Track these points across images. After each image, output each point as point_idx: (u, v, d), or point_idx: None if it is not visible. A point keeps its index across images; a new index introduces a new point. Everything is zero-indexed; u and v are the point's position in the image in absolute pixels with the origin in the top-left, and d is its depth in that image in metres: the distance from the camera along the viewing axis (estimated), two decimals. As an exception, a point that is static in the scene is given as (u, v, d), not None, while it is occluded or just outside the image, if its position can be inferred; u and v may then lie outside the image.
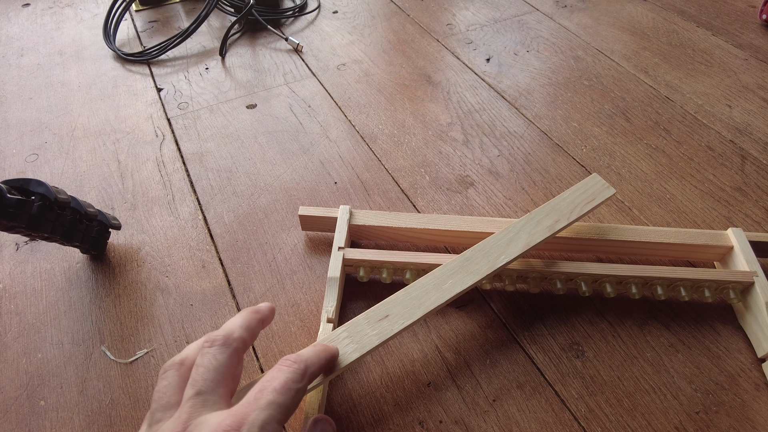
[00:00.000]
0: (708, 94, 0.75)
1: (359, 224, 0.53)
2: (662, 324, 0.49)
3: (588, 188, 0.49)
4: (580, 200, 0.48)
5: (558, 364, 0.47)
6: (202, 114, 0.73)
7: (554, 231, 0.46)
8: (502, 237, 0.45)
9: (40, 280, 0.54)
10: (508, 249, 0.45)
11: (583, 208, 0.48)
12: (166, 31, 0.90)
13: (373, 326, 0.39)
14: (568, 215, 0.47)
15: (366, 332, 0.38)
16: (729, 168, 0.64)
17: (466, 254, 0.44)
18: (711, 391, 0.45)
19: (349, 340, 0.38)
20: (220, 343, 0.33)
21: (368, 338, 0.38)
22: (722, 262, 0.53)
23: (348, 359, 0.37)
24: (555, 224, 0.46)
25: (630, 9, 0.93)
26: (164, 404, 0.30)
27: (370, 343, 0.38)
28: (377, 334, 0.38)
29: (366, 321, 0.40)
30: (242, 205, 0.60)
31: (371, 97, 0.75)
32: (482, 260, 0.44)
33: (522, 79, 0.78)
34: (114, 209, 0.60)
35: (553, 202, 0.48)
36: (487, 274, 0.43)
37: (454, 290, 0.42)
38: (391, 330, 0.39)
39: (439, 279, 0.42)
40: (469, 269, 0.43)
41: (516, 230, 0.46)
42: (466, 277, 0.43)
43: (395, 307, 0.40)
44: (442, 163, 0.65)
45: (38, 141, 0.70)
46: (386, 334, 0.39)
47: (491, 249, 0.45)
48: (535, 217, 0.47)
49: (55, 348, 0.49)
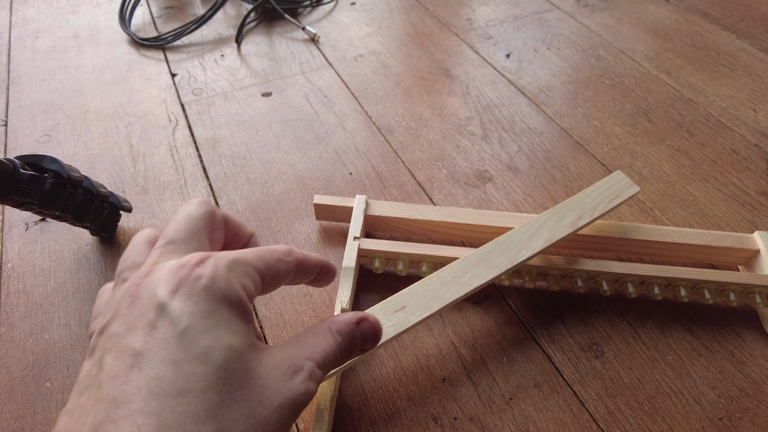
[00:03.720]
0: (732, 97, 0.73)
1: (375, 215, 0.52)
2: (684, 327, 0.48)
3: (612, 185, 0.48)
4: (603, 197, 0.47)
5: (577, 364, 0.45)
6: (217, 100, 0.72)
7: (577, 227, 0.45)
8: (524, 231, 0.44)
9: (48, 260, 0.53)
10: (530, 244, 0.43)
11: (606, 205, 0.46)
12: (182, 17, 0.89)
13: (389, 317, 0.38)
14: (591, 212, 0.46)
15: (382, 323, 0.37)
16: (754, 172, 0.63)
17: (486, 248, 0.43)
18: (735, 398, 0.43)
19: None
20: (198, 201, 0.29)
21: (384, 329, 0.36)
22: (747, 266, 0.52)
23: None
24: (578, 220, 0.45)
25: (653, 10, 0.92)
26: (130, 264, 0.27)
27: (385, 335, 0.37)
28: (393, 326, 0.38)
29: (382, 311, 0.39)
30: (255, 192, 0.59)
31: (388, 88, 0.74)
32: (502, 254, 0.43)
33: (542, 76, 0.77)
34: (125, 192, 0.59)
35: (575, 198, 0.47)
36: (508, 269, 0.42)
37: (472, 284, 0.41)
38: (407, 322, 0.38)
39: (458, 272, 0.41)
40: (489, 263, 0.42)
41: (538, 225, 0.45)
42: (485, 270, 0.41)
43: (412, 298, 0.39)
44: (459, 157, 0.64)
45: (51, 122, 0.69)
46: (402, 326, 0.38)
47: (512, 243, 0.43)
48: (557, 212, 0.46)
49: (62, 329, 0.48)
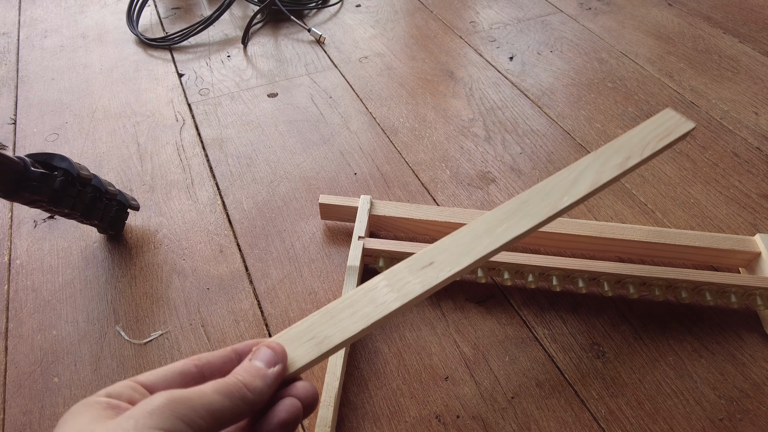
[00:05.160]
0: (734, 100, 0.74)
1: (379, 215, 0.52)
2: (685, 328, 0.48)
3: (661, 123, 0.42)
4: (653, 136, 0.41)
5: (578, 363, 0.46)
6: (223, 101, 0.73)
7: (625, 169, 0.39)
8: (565, 176, 0.39)
9: (57, 257, 0.54)
10: (572, 189, 0.38)
11: (657, 143, 0.41)
12: (189, 18, 0.90)
13: (415, 274, 0.34)
14: (641, 152, 0.40)
15: (408, 280, 0.33)
16: (755, 175, 0.63)
17: (523, 196, 0.38)
18: (735, 399, 0.44)
19: (389, 288, 0.33)
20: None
21: (410, 286, 0.33)
22: (748, 268, 0.52)
23: (388, 309, 0.32)
24: (626, 161, 0.39)
25: (655, 13, 0.92)
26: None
27: (412, 292, 0.33)
28: (420, 282, 0.33)
29: (408, 269, 0.34)
30: (261, 192, 0.60)
31: (393, 90, 0.75)
32: (542, 202, 0.37)
33: (545, 79, 0.77)
34: (132, 191, 0.60)
35: (621, 139, 0.41)
36: (548, 217, 0.37)
37: (509, 235, 0.35)
38: (436, 278, 0.33)
39: (492, 223, 0.36)
40: (527, 212, 0.37)
41: (580, 169, 0.39)
42: (523, 220, 0.36)
43: (441, 253, 0.35)
44: (463, 158, 0.64)
45: (59, 121, 0.69)
46: (431, 282, 0.33)
47: (552, 189, 0.38)
48: (602, 154, 0.40)
49: (69, 326, 0.48)
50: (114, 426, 0.22)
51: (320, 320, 0.31)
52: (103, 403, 0.23)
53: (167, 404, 0.23)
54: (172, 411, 0.22)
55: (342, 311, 0.31)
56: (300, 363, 0.29)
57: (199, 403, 0.23)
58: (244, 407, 0.25)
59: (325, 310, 0.31)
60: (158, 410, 0.22)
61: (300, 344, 0.30)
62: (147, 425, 0.22)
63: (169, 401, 0.23)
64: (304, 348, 0.30)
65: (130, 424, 0.22)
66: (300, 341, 0.30)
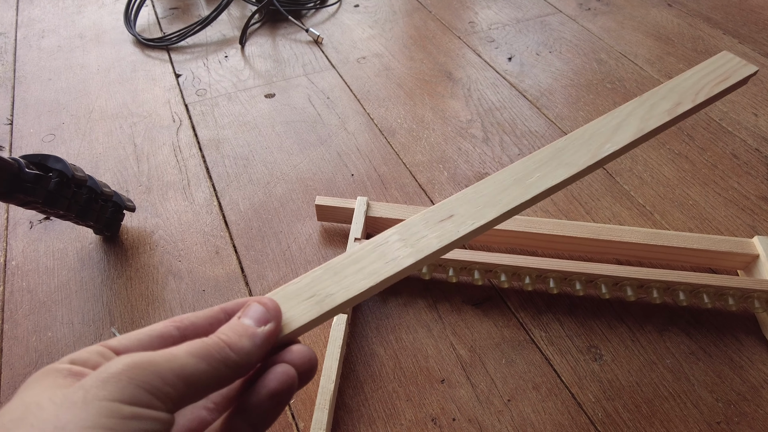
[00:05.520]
0: (733, 101, 0.74)
1: (376, 216, 0.52)
2: (683, 331, 0.48)
3: (718, 65, 0.38)
4: (709, 79, 0.37)
5: (575, 366, 0.45)
6: (220, 101, 0.73)
7: (675, 115, 0.35)
8: (606, 122, 0.35)
9: (52, 258, 0.53)
10: (615, 136, 0.34)
11: (713, 88, 0.37)
12: (186, 19, 0.89)
13: (432, 228, 0.30)
14: (694, 96, 0.36)
15: (423, 234, 0.29)
16: (754, 177, 0.63)
17: (558, 143, 0.34)
18: (733, 402, 0.44)
19: (402, 243, 0.29)
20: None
21: (426, 241, 0.29)
22: (746, 271, 0.52)
23: (399, 266, 0.28)
24: (676, 108, 0.35)
25: (655, 14, 0.92)
26: None
27: (428, 247, 0.29)
28: (438, 237, 0.29)
29: (423, 222, 0.30)
30: (258, 193, 0.60)
31: (391, 91, 0.75)
32: (581, 149, 0.33)
33: (544, 80, 0.77)
34: (129, 192, 0.60)
35: (670, 84, 0.37)
36: (588, 166, 0.33)
37: (542, 185, 0.32)
38: (456, 232, 0.30)
39: (521, 172, 0.32)
40: (563, 160, 0.33)
41: (624, 114, 0.35)
42: (559, 169, 0.32)
43: (462, 205, 0.31)
44: (461, 159, 0.64)
45: (55, 121, 0.69)
46: (450, 237, 0.29)
47: (592, 136, 0.34)
48: (648, 100, 0.36)
49: (65, 327, 0.48)
50: (61, 397, 0.18)
51: (322, 276, 0.27)
52: (63, 370, 0.20)
53: (126, 370, 0.19)
54: (130, 377, 0.19)
55: (347, 267, 0.28)
56: (297, 323, 0.25)
57: (167, 367, 0.19)
58: (226, 371, 0.21)
59: (327, 265, 0.28)
60: (114, 377, 0.18)
61: (298, 302, 0.26)
62: (98, 396, 0.18)
63: (129, 367, 0.19)
64: (303, 306, 0.26)
65: (79, 396, 0.18)
66: (298, 299, 0.26)
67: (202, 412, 0.24)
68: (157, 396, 0.19)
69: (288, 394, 0.23)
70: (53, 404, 0.18)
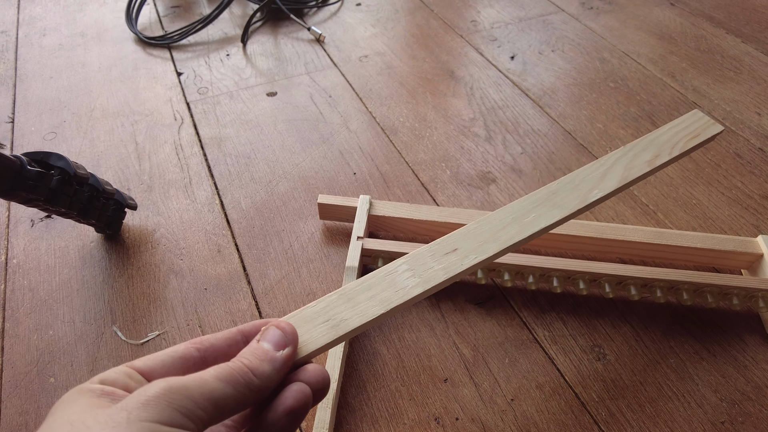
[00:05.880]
0: (737, 101, 0.73)
1: (379, 215, 0.52)
2: (687, 330, 0.48)
3: (689, 124, 0.42)
4: (682, 135, 0.41)
5: (579, 365, 0.45)
6: (222, 99, 0.72)
7: (654, 166, 0.39)
8: (594, 169, 0.38)
9: (54, 257, 0.53)
10: (603, 183, 0.37)
11: (686, 144, 0.40)
12: (188, 17, 0.89)
13: (438, 260, 0.33)
14: (670, 150, 0.40)
15: (430, 265, 0.32)
16: (758, 176, 0.62)
17: (552, 186, 0.37)
18: (737, 402, 0.43)
19: (410, 273, 0.32)
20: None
21: (433, 272, 0.32)
22: (750, 270, 0.52)
23: (409, 295, 0.31)
24: (655, 159, 0.39)
25: (657, 13, 0.92)
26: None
27: (435, 278, 0.32)
28: (444, 269, 0.32)
29: (430, 254, 0.33)
30: (260, 191, 0.59)
31: (393, 89, 0.74)
32: (572, 193, 0.37)
33: (546, 78, 0.77)
34: (130, 190, 0.60)
35: (649, 137, 0.41)
36: (578, 209, 0.36)
37: (537, 225, 0.35)
38: (460, 265, 0.33)
39: (519, 212, 0.35)
40: (556, 203, 0.36)
41: (610, 163, 0.39)
42: (552, 210, 0.36)
43: (465, 240, 0.34)
44: (463, 158, 0.64)
45: (57, 120, 0.69)
46: (454, 270, 0.32)
47: (582, 182, 0.38)
48: (631, 150, 0.40)
49: (66, 326, 0.48)
50: (105, 417, 0.20)
51: (336, 302, 0.30)
52: (96, 390, 0.22)
53: (163, 394, 0.21)
54: (168, 401, 0.20)
55: (360, 294, 0.30)
56: (313, 346, 0.27)
57: (199, 391, 0.21)
58: (249, 395, 0.23)
59: (341, 291, 0.30)
60: (153, 400, 0.20)
61: (314, 326, 0.28)
62: (141, 417, 0.20)
63: (166, 391, 0.21)
64: (319, 330, 0.28)
65: (122, 417, 0.20)
66: (314, 323, 0.28)
67: (221, 429, 0.26)
68: (191, 418, 0.21)
69: (303, 412, 0.25)
70: (98, 423, 0.20)
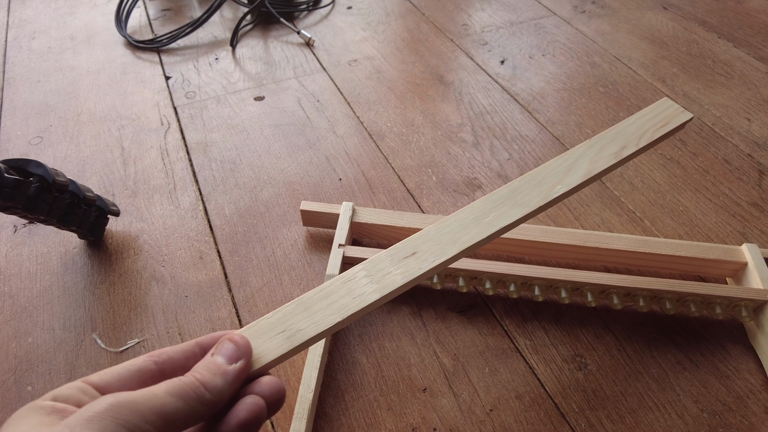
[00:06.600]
0: (727, 106, 0.73)
1: (362, 222, 0.52)
2: (670, 340, 0.48)
3: (658, 112, 0.41)
4: (650, 125, 0.40)
5: (559, 375, 0.45)
6: (209, 104, 0.72)
7: (621, 158, 0.38)
8: (558, 164, 0.37)
9: (35, 263, 0.53)
10: (566, 178, 0.36)
11: (654, 133, 0.39)
12: (179, 20, 0.89)
13: (397, 264, 0.32)
14: (637, 141, 0.39)
15: (389, 270, 0.32)
16: (746, 182, 0.62)
17: (513, 184, 0.36)
18: (718, 412, 0.43)
19: (368, 279, 0.32)
20: None
21: (391, 278, 0.31)
22: (735, 279, 0.51)
23: (365, 301, 0.30)
24: (622, 151, 0.38)
25: (650, 17, 0.91)
26: None
27: (392, 284, 0.31)
28: (402, 274, 0.32)
29: (389, 258, 0.33)
30: (244, 197, 0.59)
31: (381, 94, 0.74)
32: (533, 190, 0.36)
33: (536, 83, 0.76)
34: (114, 195, 0.60)
35: (617, 128, 0.40)
36: (540, 206, 0.35)
37: (497, 224, 0.34)
38: (419, 269, 0.32)
39: (480, 212, 0.35)
40: (517, 200, 0.35)
41: (575, 157, 0.38)
42: (513, 209, 0.35)
43: (425, 243, 0.33)
44: (450, 164, 0.64)
45: (43, 124, 0.69)
46: (413, 274, 0.32)
47: (545, 177, 0.37)
48: (596, 143, 0.39)
49: (46, 333, 0.48)
50: None
51: (293, 311, 0.29)
52: (47, 407, 0.21)
53: (109, 409, 0.20)
54: (114, 417, 0.20)
55: (317, 302, 0.30)
56: (268, 358, 0.27)
57: (148, 406, 0.21)
58: (201, 409, 0.23)
59: (299, 300, 0.30)
60: (98, 416, 0.20)
61: (270, 337, 0.28)
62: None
63: (112, 406, 0.20)
64: (275, 341, 0.28)
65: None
66: (270, 334, 0.28)
67: None
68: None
69: (256, 425, 0.25)
70: None
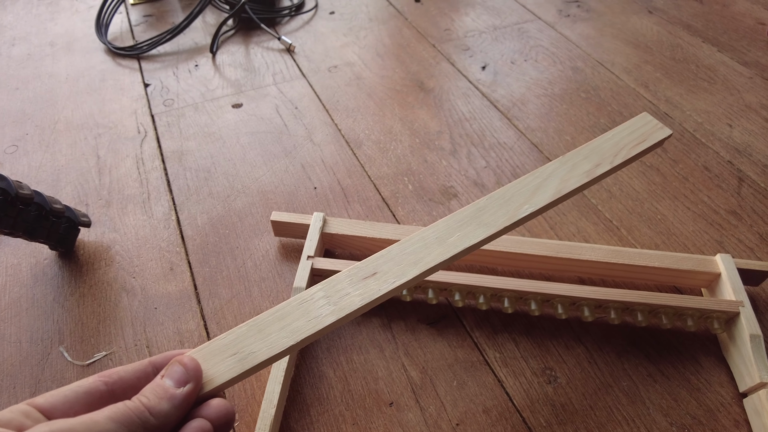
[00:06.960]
0: (709, 111, 0.72)
1: (333, 233, 0.51)
2: (642, 352, 0.47)
3: (636, 128, 0.39)
4: (627, 141, 0.38)
5: (528, 389, 0.44)
6: (187, 111, 0.72)
7: (593, 177, 0.37)
8: (527, 183, 0.36)
9: (5, 275, 0.53)
10: (534, 197, 0.35)
11: (631, 150, 0.38)
12: (161, 26, 0.89)
13: (355, 285, 0.31)
14: (612, 158, 0.37)
15: (347, 291, 0.31)
16: (725, 190, 0.62)
17: (480, 203, 0.35)
18: (687, 426, 0.42)
19: (326, 300, 0.31)
20: None
21: (349, 299, 0.31)
22: (710, 290, 0.51)
23: (321, 324, 0.30)
24: (595, 169, 0.37)
25: (635, 21, 0.91)
26: None
27: (350, 305, 0.31)
28: (360, 295, 0.31)
29: (348, 279, 0.32)
30: (217, 207, 0.59)
31: (360, 101, 0.74)
32: (500, 210, 0.35)
33: (517, 89, 0.76)
34: (88, 205, 0.59)
35: (592, 144, 0.38)
36: (505, 227, 0.34)
37: (461, 245, 0.33)
38: (378, 291, 0.31)
39: (444, 231, 0.34)
40: (483, 220, 0.34)
41: (545, 175, 0.37)
42: (477, 229, 0.34)
43: (386, 263, 0.32)
44: (426, 172, 0.63)
45: (20, 132, 0.69)
46: (371, 296, 0.31)
47: (512, 197, 0.35)
48: (569, 160, 0.37)
49: (12, 346, 0.47)
50: None
51: (247, 333, 0.29)
52: None
53: None
54: None
55: (271, 324, 0.29)
56: (219, 381, 0.27)
57: None
58: None
59: (253, 321, 0.29)
60: None
61: (222, 359, 0.28)
62: None
63: None
64: (226, 364, 0.28)
65: None
66: (222, 356, 0.28)
67: None
68: None
69: None
70: None
